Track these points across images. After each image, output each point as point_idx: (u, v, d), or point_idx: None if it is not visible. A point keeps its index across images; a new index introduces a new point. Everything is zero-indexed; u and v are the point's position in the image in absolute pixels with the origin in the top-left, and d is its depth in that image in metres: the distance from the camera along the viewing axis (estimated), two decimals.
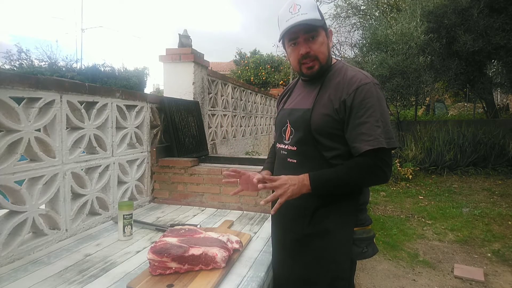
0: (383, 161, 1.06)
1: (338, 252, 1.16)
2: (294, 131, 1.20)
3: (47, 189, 1.48)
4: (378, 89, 1.10)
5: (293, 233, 1.22)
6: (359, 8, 10.72)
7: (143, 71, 14.56)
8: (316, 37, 1.12)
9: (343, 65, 1.19)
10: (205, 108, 3.47)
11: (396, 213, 4.46)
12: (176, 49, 3.14)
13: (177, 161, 2.24)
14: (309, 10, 1.10)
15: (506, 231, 3.72)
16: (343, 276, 1.18)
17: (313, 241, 1.18)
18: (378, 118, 1.06)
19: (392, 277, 2.78)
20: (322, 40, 1.14)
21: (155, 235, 1.62)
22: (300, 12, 1.09)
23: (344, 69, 1.16)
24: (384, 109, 1.09)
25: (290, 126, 1.21)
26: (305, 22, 1.08)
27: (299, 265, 1.21)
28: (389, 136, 1.06)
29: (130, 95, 2.02)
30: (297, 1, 1.11)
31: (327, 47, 1.16)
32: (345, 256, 1.17)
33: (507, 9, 6.15)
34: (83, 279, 1.18)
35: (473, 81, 7.36)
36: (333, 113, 1.10)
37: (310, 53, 1.13)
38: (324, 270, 1.17)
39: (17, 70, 12.14)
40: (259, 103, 5.90)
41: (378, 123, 1.05)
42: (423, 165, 6.80)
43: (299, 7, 1.10)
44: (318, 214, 1.17)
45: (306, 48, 1.13)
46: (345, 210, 1.17)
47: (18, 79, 1.31)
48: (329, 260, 1.16)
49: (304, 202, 1.18)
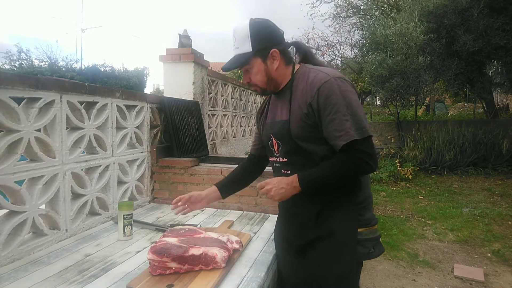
0: (362, 152, 1.07)
1: (343, 252, 1.18)
2: (281, 143, 1.23)
3: (47, 189, 1.48)
4: (341, 82, 1.11)
5: (298, 239, 1.25)
6: (359, 8, 10.72)
7: (143, 71, 14.56)
8: (251, 69, 1.20)
9: (305, 69, 1.21)
10: (205, 108, 3.47)
11: (396, 213, 4.46)
12: (176, 49, 3.14)
13: (177, 161, 2.24)
14: (240, 43, 1.17)
15: (506, 231, 3.72)
16: (348, 275, 1.20)
17: (318, 243, 1.19)
18: (344, 111, 1.07)
19: (392, 277, 2.78)
20: (257, 70, 1.20)
21: (155, 235, 1.62)
22: (234, 46, 1.19)
23: (306, 74, 1.19)
24: (350, 101, 1.08)
25: (274, 139, 1.25)
26: (235, 59, 1.19)
27: (305, 267, 1.22)
28: (360, 127, 1.06)
29: (130, 95, 2.02)
30: (234, 33, 1.19)
31: (265, 72, 1.20)
32: (349, 256, 1.19)
33: (507, 9, 6.15)
34: (83, 279, 1.18)
35: (472, 81, 7.35)
36: (305, 118, 1.13)
37: (250, 82, 1.24)
38: (330, 270, 1.18)
39: (17, 70, 12.13)
40: (259, 103, 5.90)
41: (345, 117, 1.06)
42: (423, 165, 6.80)
43: (234, 39, 1.19)
44: (321, 218, 1.19)
45: (246, 79, 1.24)
46: (346, 209, 1.19)
47: (18, 79, 1.31)
48: (334, 260, 1.17)
49: (306, 210, 1.22)
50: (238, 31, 1.17)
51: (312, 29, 15.63)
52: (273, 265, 1.40)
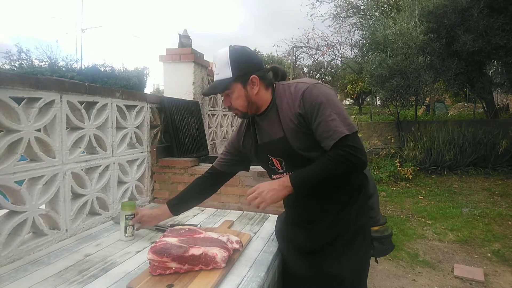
0: (351, 147, 1.10)
1: (360, 245, 1.24)
2: (283, 159, 1.26)
3: (47, 189, 1.48)
4: (320, 86, 1.18)
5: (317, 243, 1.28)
6: (359, 8, 10.72)
7: (143, 71, 14.56)
8: (232, 93, 1.23)
9: (283, 86, 1.27)
10: (205, 108, 3.47)
11: (396, 213, 4.46)
12: (176, 49, 3.14)
13: (177, 161, 2.24)
14: (221, 69, 1.21)
15: (506, 231, 3.72)
16: (366, 267, 1.28)
17: (335, 241, 1.24)
18: (329, 112, 1.12)
19: (392, 277, 2.78)
20: (237, 95, 1.23)
21: (155, 235, 1.62)
22: (215, 71, 1.23)
23: (286, 89, 1.24)
24: (333, 102, 1.14)
25: (274, 158, 1.28)
26: (215, 84, 1.23)
27: (323, 264, 1.25)
28: (347, 123, 1.12)
29: (130, 95, 2.02)
30: (214, 59, 1.23)
31: (245, 97, 1.24)
32: (366, 249, 1.26)
33: (507, 9, 6.14)
34: (83, 279, 1.18)
35: (472, 81, 7.35)
36: (299, 129, 1.18)
37: (231, 106, 1.27)
38: (349, 264, 1.23)
39: (17, 70, 12.13)
40: None
41: (331, 117, 1.11)
42: (423, 165, 6.80)
43: (215, 65, 1.23)
44: (338, 218, 1.24)
45: (227, 103, 1.27)
46: (359, 204, 1.25)
47: (18, 79, 1.31)
48: (353, 253, 1.23)
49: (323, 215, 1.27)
50: (218, 57, 1.21)
51: (312, 29, 15.66)
52: (273, 265, 1.40)
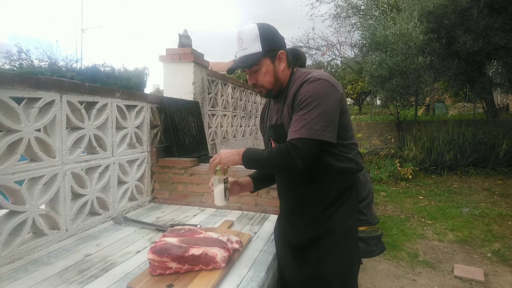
0: (293, 146, 1.09)
1: (345, 245, 1.21)
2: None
3: (47, 189, 1.48)
4: (321, 83, 1.13)
5: (301, 239, 1.27)
6: (359, 8, 10.72)
7: (143, 71, 14.58)
8: (259, 69, 1.21)
9: (300, 73, 1.24)
10: (205, 108, 3.47)
11: (396, 213, 4.46)
12: (176, 49, 3.14)
13: (177, 161, 2.24)
14: (249, 44, 1.18)
15: (506, 231, 3.72)
16: (352, 269, 1.25)
17: (321, 241, 1.22)
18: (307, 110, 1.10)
19: (392, 277, 2.78)
20: (266, 70, 1.21)
21: (155, 235, 1.62)
22: (242, 47, 1.20)
23: (300, 76, 1.22)
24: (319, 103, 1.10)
25: (273, 142, 1.29)
26: (244, 59, 1.19)
27: (310, 266, 1.24)
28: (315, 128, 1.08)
29: (130, 95, 2.02)
30: (240, 34, 1.20)
31: (274, 72, 1.23)
32: (351, 249, 1.23)
33: (507, 9, 6.15)
34: (83, 279, 1.18)
35: (472, 81, 7.36)
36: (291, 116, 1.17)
37: (256, 83, 1.25)
38: (335, 266, 1.21)
39: (17, 70, 12.15)
40: (259, 103, 5.90)
41: (306, 115, 1.10)
42: (423, 165, 6.80)
43: (242, 41, 1.20)
44: (323, 216, 1.23)
45: (253, 80, 1.25)
46: (346, 207, 1.22)
47: (18, 79, 1.31)
48: (338, 254, 1.21)
49: (308, 209, 1.26)
50: (246, 32, 1.18)
51: (312, 29, 15.66)
52: (273, 265, 1.40)
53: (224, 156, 1.24)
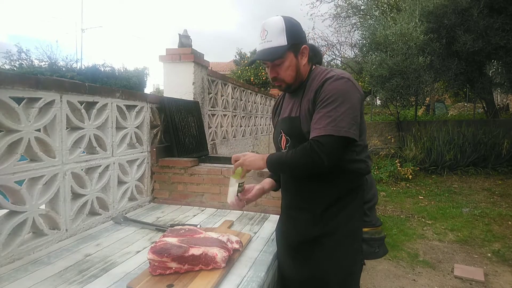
0: (318, 143, 1.08)
1: (348, 246, 1.21)
2: (290, 139, 1.26)
3: (47, 189, 1.48)
4: (345, 82, 1.14)
5: (303, 236, 1.26)
6: (359, 8, 10.72)
7: (143, 71, 14.58)
8: (282, 63, 1.20)
9: (320, 70, 1.25)
10: (205, 108, 3.47)
11: (396, 213, 4.46)
12: (176, 49, 3.14)
13: (177, 161, 2.24)
14: (274, 36, 1.16)
15: (506, 231, 3.72)
16: (354, 270, 1.24)
17: (323, 240, 1.22)
18: (332, 108, 1.10)
19: (392, 277, 2.78)
20: (288, 64, 1.21)
21: (155, 235, 1.62)
22: (266, 39, 1.18)
23: (321, 73, 1.22)
24: (343, 101, 1.10)
25: (284, 135, 1.29)
26: (268, 51, 1.17)
27: (310, 265, 1.24)
28: (340, 126, 1.08)
29: (130, 95, 2.02)
30: (266, 26, 1.18)
31: (296, 67, 1.22)
32: (355, 250, 1.22)
33: (507, 9, 6.15)
34: (83, 279, 1.18)
35: (472, 81, 7.36)
36: (311, 112, 1.17)
37: (277, 77, 1.23)
38: (337, 267, 1.21)
39: (17, 70, 12.15)
40: (259, 103, 5.90)
41: (330, 112, 1.09)
42: (423, 165, 6.80)
43: (266, 33, 1.18)
44: (327, 215, 1.22)
45: (274, 73, 1.23)
46: (351, 208, 1.22)
47: (18, 79, 1.31)
48: (341, 254, 1.20)
49: (312, 205, 1.25)
50: (271, 24, 1.17)
51: (312, 29, 15.62)
52: (273, 265, 1.40)
53: (248, 159, 1.25)
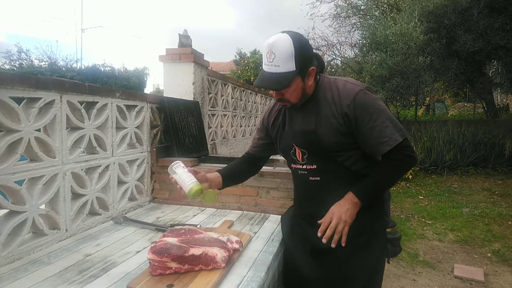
0: (407, 148, 1.15)
1: (374, 247, 1.24)
2: (307, 152, 1.25)
3: (47, 189, 1.48)
4: (369, 92, 1.18)
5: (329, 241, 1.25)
6: (359, 8, 10.72)
7: (143, 71, 14.58)
8: (289, 87, 1.16)
9: (328, 80, 1.25)
10: (205, 108, 3.47)
11: (396, 213, 4.46)
12: (176, 49, 3.14)
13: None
14: (282, 62, 1.10)
15: (506, 231, 3.72)
16: (379, 270, 1.28)
17: (349, 242, 1.21)
18: (384, 118, 1.13)
19: (392, 277, 2.78)
20: (295, 87, 1.18)
21: (155, 235, 1.62)
22: (273, 63, 1.11)
23: (332, 84, 1.22)
24: (383, 107, 1.17)
25: (298, 148, 1.27)
26: (276, 79, 1.11)
27: (334, 263, 1.25)
28: (399, 128, 1.14)
29: (130, 95, 2.02)
30: (273, 48, 1.10)
31: (302, 89, 1.20)
32: (380, 251, 1.26)
33: (507, 9, 6.15)
34: (83, 279, 1.18)
35: (472, 81, 7.35)
36: (339, 128, 1.17)
37: (283, 98, 1.21)
38: (363, 265, 1.23)
39: (17, 70, 12.16)
40: (259, 103, 5.90)
41: (385, 123, 1.13)
42: (423, 165, 6.80)
43: (274, 56, 1.10)
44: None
45: (279, 95, 1.21)
46: (375, 208, 1.27)
47: (18, 79, 1.31)
48: (367, 255, 1.23)
49: None
50: (279, 47, 1.10)
51: (312, 29, 15.61)
52: (273, 265, 1.40)
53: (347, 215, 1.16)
